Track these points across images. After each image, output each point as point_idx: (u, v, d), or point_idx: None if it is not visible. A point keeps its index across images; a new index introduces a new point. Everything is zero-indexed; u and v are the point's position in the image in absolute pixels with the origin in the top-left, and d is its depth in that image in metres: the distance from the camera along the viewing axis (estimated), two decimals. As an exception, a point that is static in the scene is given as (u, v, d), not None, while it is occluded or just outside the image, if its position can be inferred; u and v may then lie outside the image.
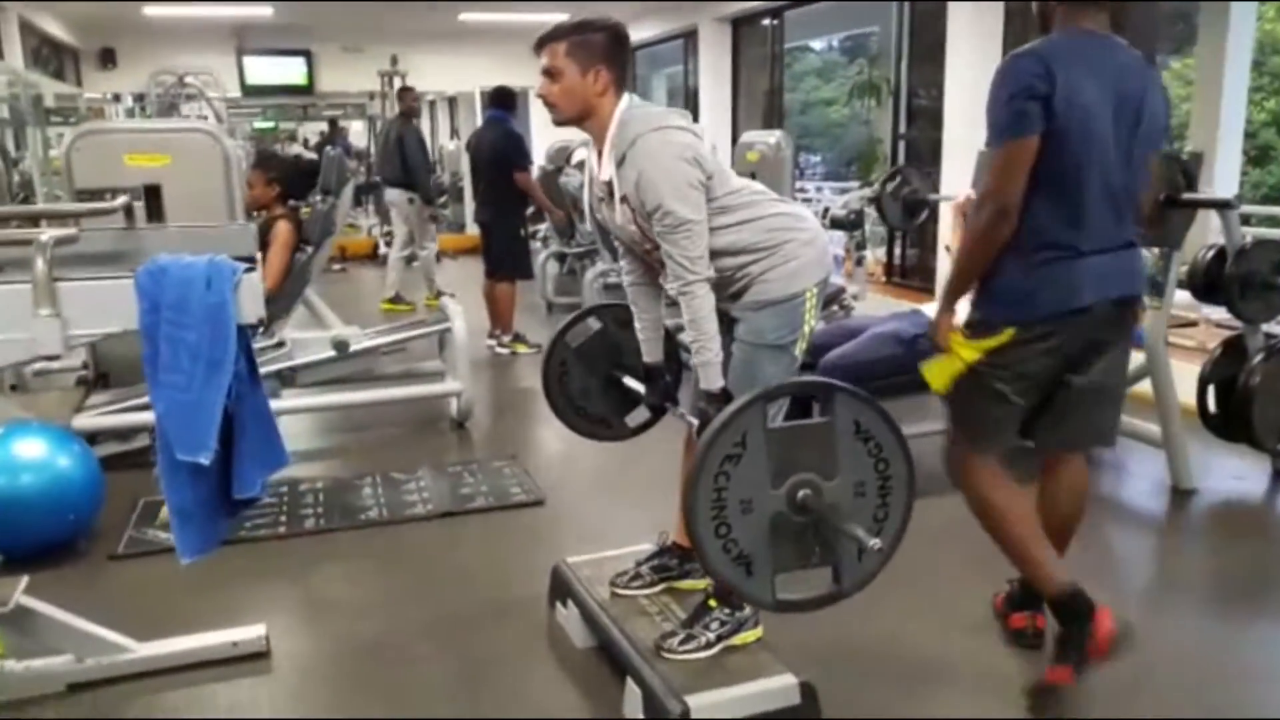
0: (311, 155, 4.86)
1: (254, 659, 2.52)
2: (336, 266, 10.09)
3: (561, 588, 2.65)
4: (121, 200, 2.71)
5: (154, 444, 4.00)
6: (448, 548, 3.29)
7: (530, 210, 6.54)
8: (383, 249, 9.84)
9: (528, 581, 2.85)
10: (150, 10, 9.55)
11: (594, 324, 2.60)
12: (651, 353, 2.46)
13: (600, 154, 2.22)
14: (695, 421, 2.23)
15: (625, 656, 2.25)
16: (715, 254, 2.20)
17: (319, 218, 4.20)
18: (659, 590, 2.53)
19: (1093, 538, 3.06)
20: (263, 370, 4.10)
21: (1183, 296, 3.88)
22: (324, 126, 14.62)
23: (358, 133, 14.28)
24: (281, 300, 4.15)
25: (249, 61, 11.63)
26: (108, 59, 11.20)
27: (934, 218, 6.11)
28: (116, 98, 11.51)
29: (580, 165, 8.60)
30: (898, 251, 7.97)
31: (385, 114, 10.52)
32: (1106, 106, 2.07)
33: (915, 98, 7.77)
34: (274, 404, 4.24)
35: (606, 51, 2.16)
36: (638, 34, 12.10)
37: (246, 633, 2.55)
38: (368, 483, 3.81)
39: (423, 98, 9.63)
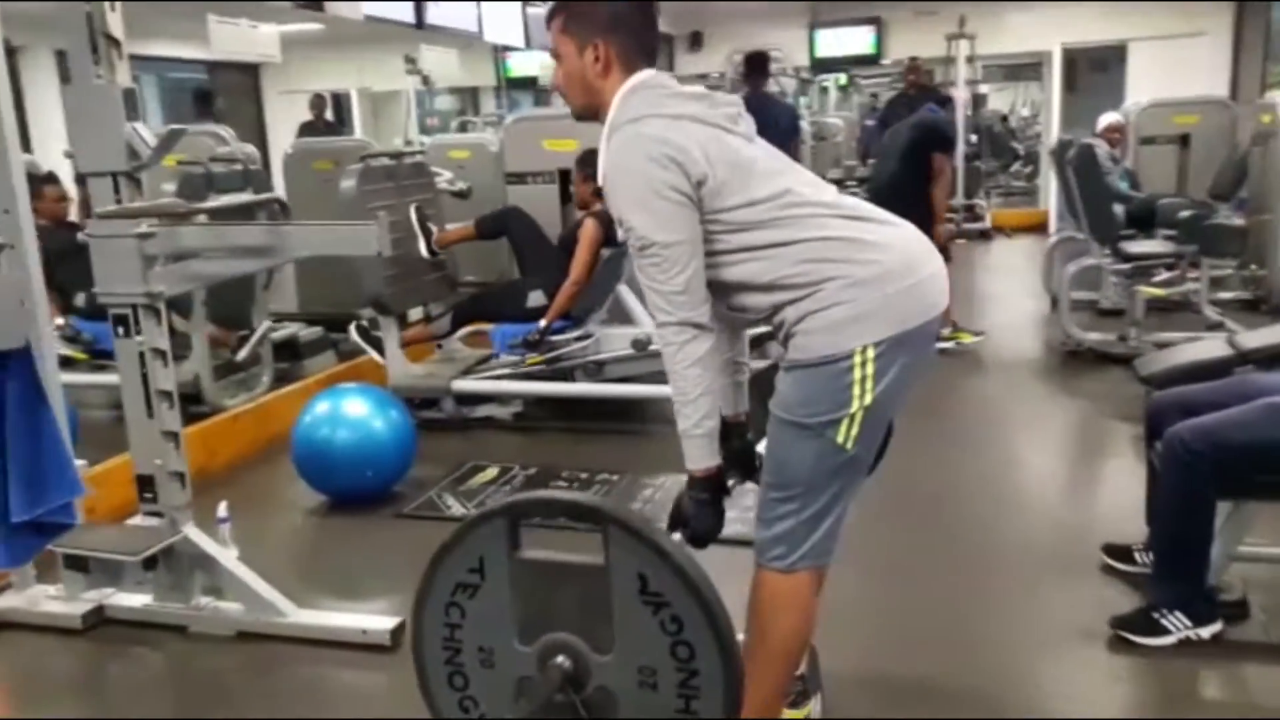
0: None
1: (376, 650, 2.55)
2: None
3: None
4: (246, 198, 2.89)
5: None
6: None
7: None
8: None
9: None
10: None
11: None
12: (726, 403, 1.90)
13: None
14: None
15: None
16: (735, 289, 1.65)
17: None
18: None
19: None
20: (568, 362, 4.22)
21: None
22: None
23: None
24: (589, 295, 4.23)
25: (820, 34, 11.80)
26: (696, 41, 12.23)
27: None
28: (703, 76, 12.41)
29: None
30: None
31: (950, 78, 9.95)
32: None
33: None
34: (577, 388, 4.26)
35: (610, 22, 1.70)
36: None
37: (378, 623, 2.59)
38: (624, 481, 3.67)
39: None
